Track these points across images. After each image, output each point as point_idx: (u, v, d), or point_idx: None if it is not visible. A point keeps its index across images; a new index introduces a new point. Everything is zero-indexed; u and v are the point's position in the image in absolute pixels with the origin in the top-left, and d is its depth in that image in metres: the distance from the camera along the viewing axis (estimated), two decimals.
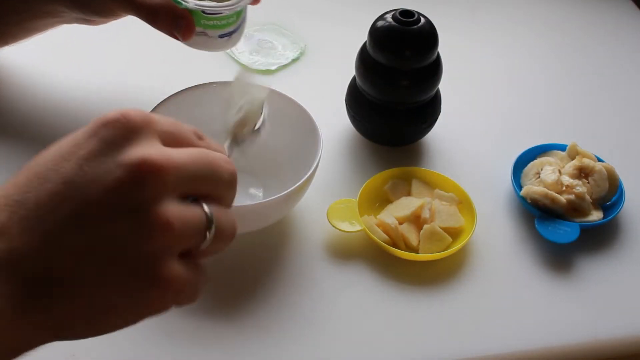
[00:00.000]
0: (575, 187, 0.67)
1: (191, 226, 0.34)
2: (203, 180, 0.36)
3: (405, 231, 0.64)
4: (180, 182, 0.34)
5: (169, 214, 0.32)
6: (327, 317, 0.60)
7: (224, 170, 0.37)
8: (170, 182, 0.33)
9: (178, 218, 0.33)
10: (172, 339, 0.57)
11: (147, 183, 0.32)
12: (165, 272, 0.33)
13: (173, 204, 0.33)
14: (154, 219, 0.32)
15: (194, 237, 0.35)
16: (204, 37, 0.66)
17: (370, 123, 0.74)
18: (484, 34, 0.96)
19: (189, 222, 0.34)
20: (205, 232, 0.35)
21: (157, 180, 0.32)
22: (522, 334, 0.60)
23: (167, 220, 0.32)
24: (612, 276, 0.65)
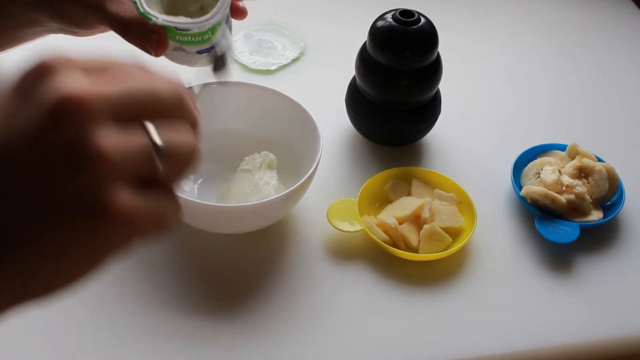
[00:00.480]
0: (575, 187, 0.67)
1: (132, 151, 0.32)
2: (140, 107, 0.33)
3: (405, 231, 0.64)
4: (109, 109, 0.31)
5: (102, 142, 0.30)
6: (327, 316, 0.60)
7: (163, 92, 0.34)
8: (96, 110, 0.31)
9: (113, 145, 0.31)
10: (172, 338, 0.57)
11: (70, 118, 0.30)
12: (110, 202, 0.31)
13: (106, 133, 0.31)
14: (85, 151, 0.30)
15: (140, 163, 0.32)
16: (182, 52, 0.65)
17: (370, 123, 0.74)
18: (484, 33, 0.96)
19: (129, 148, 0.31)
20: (153, 157, 0.32)
21: (81, 112, 0.30)
22: (522, 334, 0.60)
23: (99, 149, 0.30)
24: (612, 276, 0.65)
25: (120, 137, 0.31)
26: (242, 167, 0.67)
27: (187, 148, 0.34)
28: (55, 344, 0.57)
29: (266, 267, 0.64)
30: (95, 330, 0.58)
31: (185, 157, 0.34)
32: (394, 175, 0.70)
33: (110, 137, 0.31)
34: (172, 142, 0.33)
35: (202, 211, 0.60)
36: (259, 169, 0.67)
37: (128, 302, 0.60)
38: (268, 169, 0.67)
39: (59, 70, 0.31)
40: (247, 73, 0.84)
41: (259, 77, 0.84)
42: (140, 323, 0.58)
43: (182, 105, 0.35)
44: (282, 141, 0.69)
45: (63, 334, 0.57)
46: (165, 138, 0.33)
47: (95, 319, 0.58)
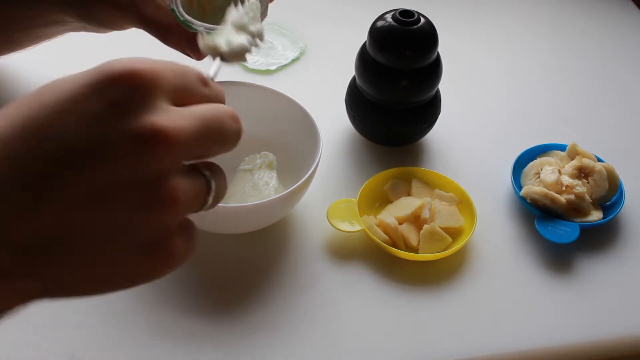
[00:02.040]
0: (575, 187, 0.67)
1: (195, 197, 0.34)
2: (211, 145, 0.34)
3: (405, 231, 0.64)
4: (189, 150, 0.32)
5: (177, 189, 0.31)
6: (327, 316, 0.60)
7: (231, 129, 0.35)
8: (179, 152, 0.31)
9: (185, 192, 0.32)
10: (171, 338, 0.57)
11: (156, 155, 0.30)
12: (168, 245, 0.32)
13: (181, 178, 0.32)
14: (162, 194, 0.31)
15: (197, 204, 0.35)
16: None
17: (370, 123, 0.74)
18: (484, 34, 0.96)
19: (194, 194, 0.33)
20: (206, 199, 0.35)
21: (167, 151, 0.30)
22: (522, 334, 0.60)
23: (176, 196, 0.31)
24: (612, 276, 0.65)
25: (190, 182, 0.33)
26: (241, 167, 0.67)
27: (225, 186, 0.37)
28: (56, 343, 0.57)
29: (266, 267, 0.64)
30: (95, 330, 0.58)
31: (222, 194, 0.37)
32: (394, 175, 0.70)
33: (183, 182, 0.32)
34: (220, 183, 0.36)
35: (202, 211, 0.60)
36: (258, 169, 0.67)
37: (128, 302, 0.60)
38: (268, 169, 0.67)
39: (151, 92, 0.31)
40: (247, 73, 0.84)
41: (259, 77, 0.84)
42: (140, 323, 0.58)
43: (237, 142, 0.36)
44: (282, 141, 0.69)
45: (63, 333, 0.57)
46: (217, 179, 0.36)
47: (95, 318, 0.58)
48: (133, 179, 0.30)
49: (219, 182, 0.36)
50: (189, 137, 0.32)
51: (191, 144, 0.32)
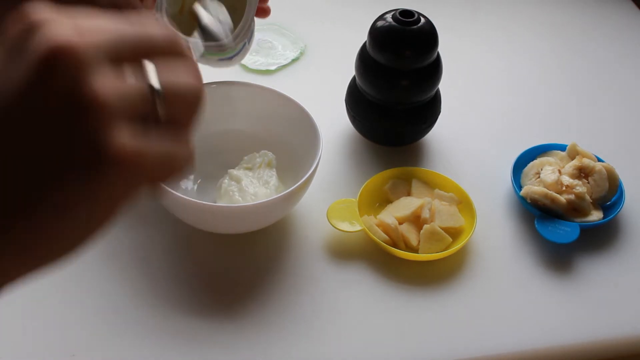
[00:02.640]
0: (575, 187, 0.67)
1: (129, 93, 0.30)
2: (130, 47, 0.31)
3: (405, 231, 0.64)
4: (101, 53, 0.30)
5: (96, 87, 0.29)
6: (327, 316, 0.60)
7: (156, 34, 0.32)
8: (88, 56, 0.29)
9: (109, 88, 0.30)
10: (171, 338, 0.57)
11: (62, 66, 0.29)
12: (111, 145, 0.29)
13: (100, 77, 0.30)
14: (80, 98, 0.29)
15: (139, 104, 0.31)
16: (203, 59, 0.66)
17: (370, 123, 0.74)
18: (484, 34, 0.96)
19: (125, 89, 0.30)
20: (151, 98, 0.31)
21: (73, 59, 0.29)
22: (522, 334, 0.60)
23: (95, 94, 0.29)
24: (612, 276, 0.65)
25: (115, 80, 0.30)
26: (241, 165, 0.67)
27: (187, 87, 0.33)
28: (55, 344, 0.57)
29: (266, 266, 0.64)
30: (95, 330, 0.58)
31: (187, 97, 0.33)
32: (394, 175, 0.70)
33: (105, 81, 0.30)
34: (170, 82, 0.32)
35: (202, 211, 0.60)
36: (258, 168, 0.67)
37: (128, 302, 0.60)
38: (267, 168, 0.67)
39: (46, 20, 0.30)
40: (247, 73, 0.84)
41: (259, 77, 0.84)
42: (140, 323, 0.58)
43: (177, 47, 0.33)
44: (282, 141, 0.69)
45: (63, 333, 0.57)
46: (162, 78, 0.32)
47: (95, 318, 0.58)
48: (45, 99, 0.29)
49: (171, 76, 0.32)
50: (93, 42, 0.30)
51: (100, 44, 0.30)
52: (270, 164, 0.67)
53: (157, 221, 0.66)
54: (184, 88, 0.32)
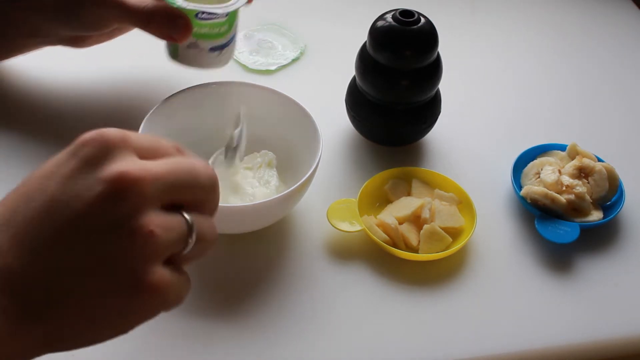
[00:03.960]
0: (575, 187, 0.67)
1: (173, 234, 0.35)
2: (183, 188, 0.37)
3: (405, 231, 0.64)
4: (159, 191, 0.35)
5: (152, 223, 0.34)
6: (327, 316, 0.60)
7: (203, 175, 0.38)
8: (149, 192, 0.34)
9: (160, 227, 0.34)
10: (171, 338, 0.57)
11: (126, 196, 0.33)
12: (151, 278, 0.34)
13: (155, 214, 0.34)
14: (136, 230, 0.33)
15: (176, 244, 0.36)
16: (195, 50, 0.66)
17: (370, 123, 0.74)
18: (484, 34, 0.96)
19: (171, 230, 0.35)
20: (187, 239, 0.37)
21: (136, 192, 0.34)
22: (522, 334, 0.60)
23: (150, 230, 0.34)
24: (612, 276, 0.65)
25: (164, 217, 0.35)
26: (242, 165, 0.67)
27: (212, 232, 0.39)
28: None
29: (266, 267, 0.63)
30: None
31: (209, 239, 0.39)
32: (394, 175, 0.70)
33: (158, 218, 0.34)
34: (202, 226, 0.38)
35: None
36: (258, 168, 0.67)
37: None
38: (268, 168, 0.67)
39: (117, 146, 0.35)
40: (247, 73, 0.84)
41: (259, 77, 0.83)
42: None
43: (214, 188, 0.39)
44: (282, 141, 0.69)
45: None
46: (196, 222, 0.37)
47: None
48: (107, 220, 0.33)
49: (202, 223, 0.38)
50: (156, 176, 0.35)
51: (160, 183, 0.35)
52: (271, 164, 0.67)
53: None
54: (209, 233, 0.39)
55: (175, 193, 0.36)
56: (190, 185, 0.37)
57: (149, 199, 0.34)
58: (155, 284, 0.34)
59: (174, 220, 0.36)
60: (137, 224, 0.33)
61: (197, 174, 0.37)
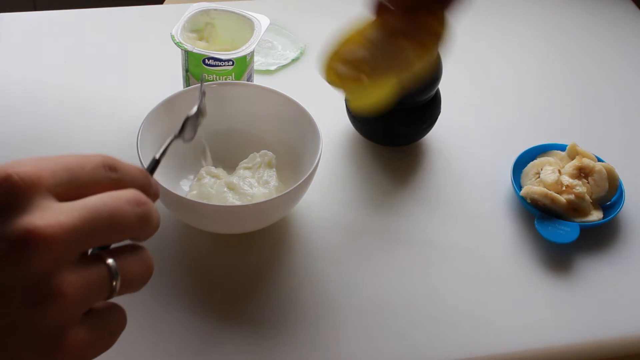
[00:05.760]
0: (575, 187, 0.67)
1: (92, 289, 0.33)
2: (103, 235, 0.33)
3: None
4: (74, 245, 0.32)
5: (64, 283, 0.31)
6: (327, 316, 0.60)
7: (129, 215, 0.34)
8: (61, 250, 0.31)
9: (74, 285, 0.32)
10: (171, 337, 0.57)
11: (33, 257, 0.30)
12: (65, 341, 0.32)
13: (69, 272, 0.32)
14: (46, 293, 0.31)
15: (97, 295, 0.33)
16: None
17: (370, 123, 0.74)
18: (484, 34, 0.96)
19: (90, 286, 0.33)
20: (110, 286, 0.34)
21: (45, 252, 0.31)
22: (522, 334, 0.60)
23: (62, 291, 0.31)
24: (612, 276, 0.65)
25: (80, 273, 0.32)
26: (241, 165, 0.67)
27: (143, 271, 0.35)
28: None
29: (266, 267, 0.63)
30: None
31: (139, 279, 0.35)
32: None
33: (72, 276, 0.32)
34: (129, 268, 0.35)
35: (202, 211, 0.60)
36: (258, 168, 0.67)
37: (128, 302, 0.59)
38: (267, 168, 0.67)
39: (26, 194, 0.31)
40: None
41: (259, 77, 0.83)
42: (140, 323, 0.58)
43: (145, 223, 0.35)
44: (282, 141, 0.69)
45: None
46: (121, 265, 0.34)
47: None
48: (17, 280, 0.31)
49: (129, 264, 0.35)
50: (69, 231, 0.31)
51: (73, 238, 0.32)
52: (270, 163, 0.67)
53: None
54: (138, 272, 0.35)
55: (95, 241, 0.33)
56: (113, 229, 0.33)
57: (61, 256, 0.31)
58: (70, 345, 0.32)
59: (92, 274, 0.33)
60: (47, 286, 0.31)
61: (121, 217, 0.33)
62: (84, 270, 0.33)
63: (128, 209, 0.34)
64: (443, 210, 0.70)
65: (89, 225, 0.32)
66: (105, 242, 0.34)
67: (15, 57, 0.84)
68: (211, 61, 0.69)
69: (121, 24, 0.92)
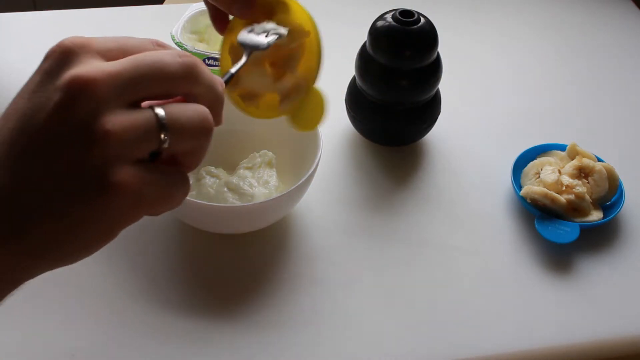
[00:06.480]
0: (575, 187, 0.67)
1: (137, 131, 0.34)
2: (147, 82, 0.35)
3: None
4: (118, 89, 0.34)
5: (109, 123, 0.33)
6: (327, 317, 0.60)
7: (172, 65, 0.35)
8: (104, 92, 0.33)
9: (119, 125, 0.33)
10: (171, 338, 0.57)
11: (80, 98, 0.33)
12: (115, 177, 0.33)
13: (114, 113, 0.33)
14: (94, 132, 0.33)
15: (144, 141, 0.34)
16: None
17: (370, 123, 0.74)
18: (484, 33, 0.96)
19: (135, 128, 0.34)
20: (158, 134, 0.35)
21: (90, 93, 0.33)
22: (522, 334, 0.60)
23: (107, 130, 0.33)
24: (612, 276, 0.65)
25: (126, 116, 0.34)
26: (242, 165, 0.67)
27: (193, 121, 0.36)
28: (55, 344, 0.57)
29: (266, 267, 0.64)
30: (95, 330, 0.58)
31: (192, 130, 0.36)
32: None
33: (117, 117, 0.33)
34: (178, 115, 0.35)
35: (202, 211, 0.60)
36: (258, 167, 0.67)
37: (128, 302, 0.60)
38: (267, 168, 0.67)
39: (76, 52, 0.35)
40: None
41: None
42: (141, 323, 0.58)
43: (191, 75, 0.36)
44: (282, 141, 0.69)
45: (63, 333, 0.57)
46: (169, 111, 0.35)
47: (95, 318, 0.58)
48: (67, 126, 0.33)
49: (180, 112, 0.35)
50: (111, 76, 0.34)
51: (117, 82, 0.34)
52: (270, 163, 0.67)
53: (157, 221, 0.66)
54: (189, 119, 0.36)
55: (139, 89, 0.35)
56: (155, 77, 0.35)
57: (105, 99, 0.33)
58: (119, 182, 0.33)
59: (138, 117, 0.34)
60: (94, 125, 0.33)
61: (163, 64, 0.35)
62: (131, 114, 0.34)
63: (169, 59, 0.35)
64: (443, 210, 0.70)
65: (132, 71, 0.34)
66: (151, 91, 0.35)
67: (15, 57, 0.84)
68: (211, 61, 0.69)
69: (121, 24, 0.92)
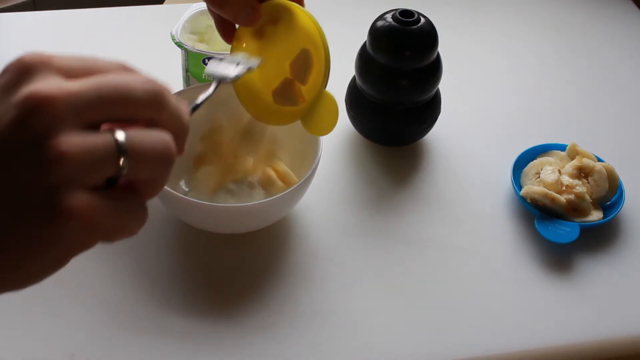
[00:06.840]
0: (575, 187, 0.67)
1: (95, 153, 0.32)
2: (110, 105, 0.33)
3: None
4: (76, 110, 0.32)
5: (65, 144, 0.31)
6: (327, 316, 0.60)
7: (137, 90, 0.33)
8: (62, 111, 0.31)
9: (76, 147, 0.31)
10: (171, 338, 0.57)
11: (36, 116, 0.31)
12: (67, 202, 0.31)
13: (72, 134, 0.32)
14: (47, 152, 0.31)
15: (101, 165, 0.32)
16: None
17: (370, 123, 0.74)
18: (484, 33, 0.96)
19: (91, 149, 0.32)
20: (116, 159, 0.32)
21: (47, 111, 0.31)
22: (522, 334, 0.60)
23: (62, 151, 0.31)
24: (612, 276, 0.65)
25: (83, 137, 0.32)
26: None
27: (155, 148, 0.34)
28: (55, 344, 0.57)
29: (266, 267, 0.64)
30: (95, 330, 0.58)
31: (153, 157, 0.34)
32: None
33: (74, 138, 0.31)
34: (137, 141, 0.33)
35: (202, 211, 0.60)
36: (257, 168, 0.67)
37: (128, 302, 0.60)
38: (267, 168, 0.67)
39: (36, 68, 0.33)
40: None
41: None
42: (140, 322, 0.58)
43: (157, 102, 0.34)
44: (282, 141, 0.69)
45: (63, 333, 0.57)
46: (130, 136, 0.33)
47: (95, 318, 0.58)
48: (21, 144, 0.31)
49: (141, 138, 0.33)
50: (70, 94, 0.32)
51: (75, 102, 0.32)
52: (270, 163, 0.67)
53: (157, 221, 0.66)
54: (150, 147, 0.34)
55: (100, 111, 0.33)
56: (118, 100, 0.33)
57: (62, 118, 0.31)
58: (71, 208, 0.31)
59: (97, 140, 0.32)
60: (48, 145, 0.31)
61: (128, 88, 0.33)
62: (89, 136, 0.32)
63: (136, 83, 0.34)
64: (443, 210, 0.70)
65: (93, 92, 0.33)
66: (113, 114, 0.33)
67: (15, 57, 0.84)
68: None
69: (121, 24, 0.92)
